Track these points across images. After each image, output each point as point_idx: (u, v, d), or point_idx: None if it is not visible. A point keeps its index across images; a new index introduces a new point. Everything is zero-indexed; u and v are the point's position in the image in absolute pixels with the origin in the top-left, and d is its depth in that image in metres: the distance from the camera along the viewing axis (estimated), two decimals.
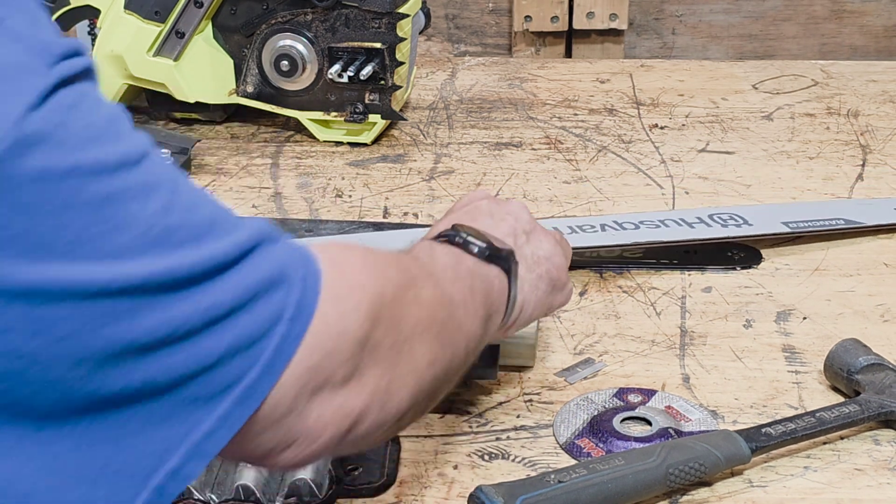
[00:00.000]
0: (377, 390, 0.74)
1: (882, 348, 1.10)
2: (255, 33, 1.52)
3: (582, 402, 1.06)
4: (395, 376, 0.75)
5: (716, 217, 1.30)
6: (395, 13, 1.48)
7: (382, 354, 0.74)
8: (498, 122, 1.61)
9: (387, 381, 0.75)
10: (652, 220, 1.29)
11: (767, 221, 1.30)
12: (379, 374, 0.74)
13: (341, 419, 0.72)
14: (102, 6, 1.54)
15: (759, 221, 1.30)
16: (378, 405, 0.74)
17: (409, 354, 0.77)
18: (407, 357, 0.76)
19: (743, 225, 1.29)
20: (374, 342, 0.74)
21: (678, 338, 1.16)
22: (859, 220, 1.32)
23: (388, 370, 0.75)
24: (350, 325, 0.72)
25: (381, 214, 1.38)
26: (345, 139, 1.55)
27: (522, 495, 0.90)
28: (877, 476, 0.98)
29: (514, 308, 0.94)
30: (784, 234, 1.29)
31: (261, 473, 0.95)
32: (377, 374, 0.74)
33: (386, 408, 0.75)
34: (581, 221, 1.29)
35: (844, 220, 1.32)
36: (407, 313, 0.77)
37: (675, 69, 1.76)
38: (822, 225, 1.31)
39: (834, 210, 1.35)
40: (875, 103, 1.65)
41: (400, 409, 0.77)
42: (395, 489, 0.97)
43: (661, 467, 0.94)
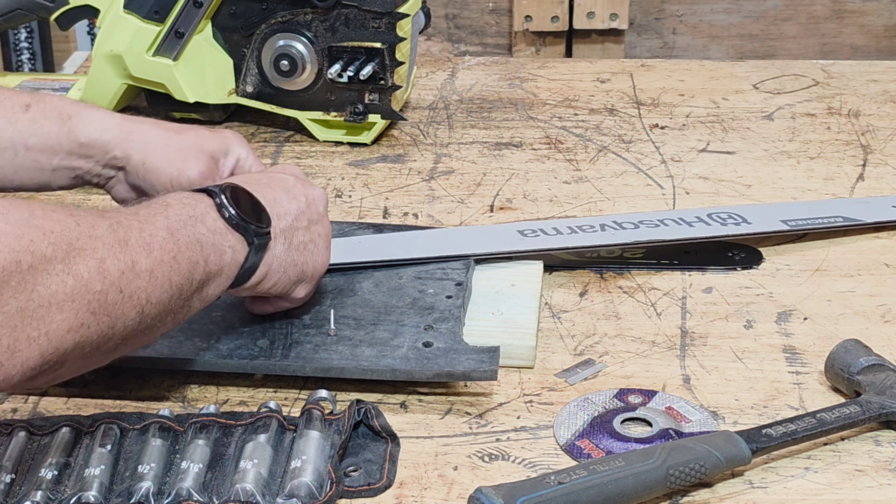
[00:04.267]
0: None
1: (883, 349, 1.10)
2: (254, 33, 1.52)
3: (582, 403, 1.06)
4: (20, 338, 0.81)
5: (715, 216, 1.30)
6: (395, 13, 1.48)
7: (6, 317, 0.79)
8: (498, 122, 1.61)
9: (10, 340, 0.80)
10: (651, 219, 1.29)
11: (766, 220, 1.30)
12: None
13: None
14: (102, 6, 1.54)
15: (758, 220, 1.30)
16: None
17: (41, 320, 0.81)
18: (39, 322, 0.81)
19: (742, 224, 1.29)
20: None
21: (679, 338, 1.16)
22: (858, 218, 1.32)
23: (10, 331, 0.80)
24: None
25: (381, 214, 1.38)
26: (345, 139, 1.55)
27: (522, 496, 0.89)
28: (877, 477, 0.98)
29: (250, 277, 1.02)
30: (783, 232, 1.29)
31: (261, 475, 0.95)
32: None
33: (6, 365, 0.80)
34: (581, 222, 1.28)
35: (843, 217, 1.32)
36: (47, 283, 0.82)
37: (675, 69, 1.76)
38: (821, 223, 1.31)
39: (833, 208, 1.34)
40: (876, 103, 1.65)
41: (27, 368, 0.82)
42: (394, 490, 0.97)
43: (661, 468, 0.93)
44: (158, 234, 0.92)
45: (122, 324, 0.88)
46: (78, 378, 1.09)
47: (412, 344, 1.09)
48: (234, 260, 0.99)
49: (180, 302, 0.94)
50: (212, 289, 0.98)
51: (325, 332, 1.10)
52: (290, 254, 1.05)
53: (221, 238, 0.98)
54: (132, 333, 0.90)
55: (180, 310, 0.95)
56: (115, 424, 1.01)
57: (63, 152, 1.15)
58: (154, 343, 1.08)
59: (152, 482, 0.95)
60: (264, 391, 1.09)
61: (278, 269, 1.04)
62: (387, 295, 1.16)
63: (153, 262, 0.90)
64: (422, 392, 1.08)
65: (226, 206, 0.99)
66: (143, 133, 1.16)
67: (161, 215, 0.94)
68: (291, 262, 1.05)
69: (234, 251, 0.99)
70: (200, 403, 1.07)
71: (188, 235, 0.95)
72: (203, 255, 0.95)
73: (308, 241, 1.07)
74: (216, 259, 0.97)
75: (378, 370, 1.06)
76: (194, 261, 0.94)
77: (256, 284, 1.04)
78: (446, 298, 1.15)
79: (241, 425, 1.01)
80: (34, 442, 1.00)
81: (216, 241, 0.97)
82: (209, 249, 0.96)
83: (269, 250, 1.02)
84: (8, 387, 0.82)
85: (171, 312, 0.94)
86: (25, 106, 1.14)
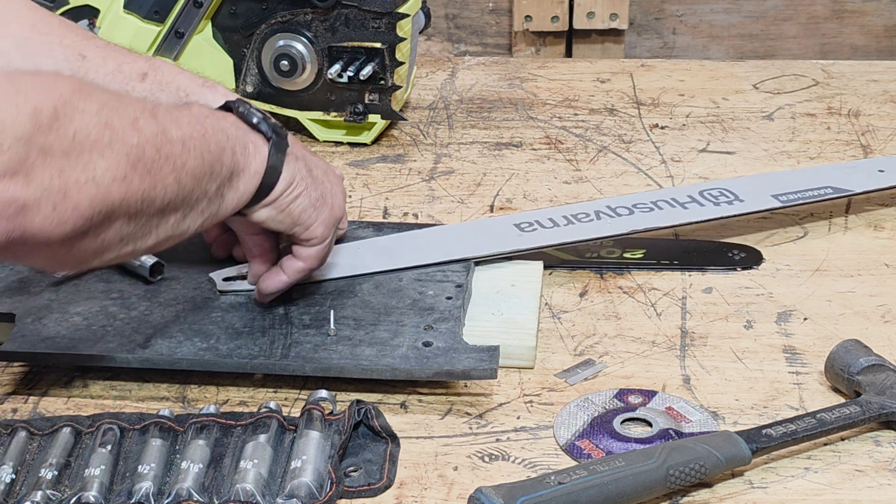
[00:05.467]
0: (49, 189, 0.83)
1: (883, 349, 1.10)
2: (254, 33, 1.52)
3: (582, 404, 1.06)
4: (69, 181, 0.84)
5: (706, 194, 1.30)
6: (395, 13, 1.48)
7: (54, 159, 0.83)
8: (498, 122, 1.61)
9: (60, 182, 0.83)
10: (644, 201, 1.29)
11: (757, 195, 1.30)
12: (50, 175, 0.83)
13: (4, 206, 0.81)
14: (102, 6, 1.54)
15: (749, 196, 1.30)
16: (50, 203, 0.83)
17: (86, 165, 0.85)
18: (84, 166, 0.85)
19: (735, 202, 1.29)
20: (44, 145, 0.82)
21: (679, 339, 1.16)
22: (847, 188, 1.33)
23: (60, 173, 0.83)
24: (6, 121, 0.80)
25: (381, 214, 1.38)
26: (345, 139, 1.55)
27: (522, 496, 0.89)
28: (877, 477, 0.98)
29: (277, 180, 1.04)
30: (776, 208, 1.29)
31: (261, 475, 0.95)
32: (48, 174, 0.83)
33: (59, 208, 0.84)
34: (576, 209, 1.28)
35: (833, 188, 1.32)
36: (86, 130, 0.85)
37: (675, 69, 1.76)
38: (812, 196, 1.31)
39: (820, 177, 1.35)
40: (876, 103, 1.65)
41: (78, 213, 0.85)
42: (394, 490, 0.97)
43: (661, 468, 0.93)
44: (184, 117, 0.96)
45: (162, 186, 0.91)
46: (78, 378, 1.09)
47: (412, 343, 1.09)
48: (258, 155, 1.02)
49: (214, 184, 0.97)
50: (242, 184, 1.01)
51: (325, 333, 1.10)
52: (310, 177, 1.07)
53: (244, 133, 1.02)
54: (172, 204, 0.93)
55: (216, 196, 0.98)
56: (115, 424, 1.01)
57: None
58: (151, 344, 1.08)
59: (152, 482, 0.95)
60: (264, 391, 1.09)
61: (301, 182, 1.06)
62: (387, 296, 1.16)
63: (184, 134, 0.94)
64: (422, 392, 1.08)
65: (243, 105, 1.04)
66: None
67: (185, 110, 0.98)
68: (313, 181, 1.07)
69: (256, 147, 1.02)
70: (200, 403, 1.07)
71: (213, 125, 0.98)
72: (230, 144, 0.99)
73: (324, 179, 1.09)
74: (241, 150, 1.00)
75: (378, 369, 1.06)
76: (222, 146, 0.98)
77: (282, 194, 1.05)
78: (446, 300, 1.15)
79: (241, 425, 1.01)
80: (34, 442, 1.00)
81: (240, 134, 1.01)
82: (234, 141, 1.00)
83: (290, 161, 1.05)
84: (61, 235, 0.84)
85: (207, 195, 0.97)
86: (142, 75, 1.15)
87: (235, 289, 1.15)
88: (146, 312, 1.13)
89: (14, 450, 0.99)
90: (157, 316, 1.13)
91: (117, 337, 1.09)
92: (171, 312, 1.13)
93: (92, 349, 1.08)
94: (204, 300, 1.15)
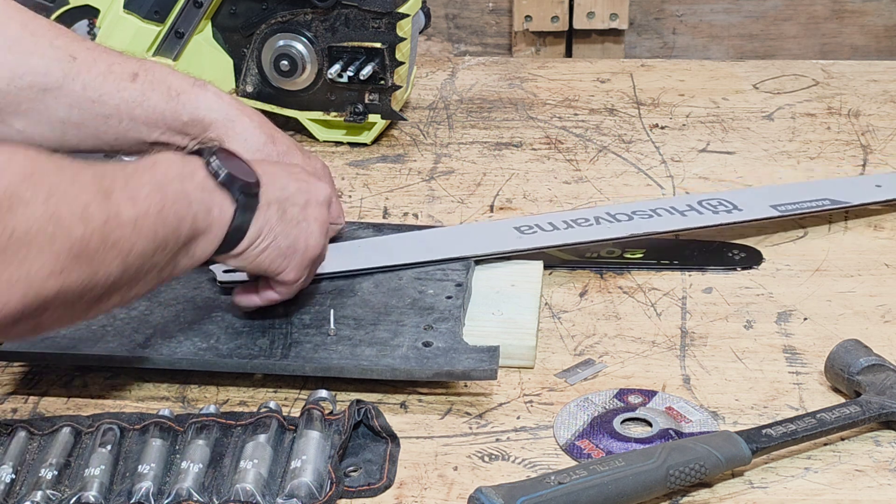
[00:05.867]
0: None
1: (883, 349, 1.10)
2: (254, 33, 1.52)
3: (582, 403, 1.06)
4: (1, 279, 0.81)
5: (705, 203, 1.31)
6: (395, 13, 1.48)
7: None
8: (498, 122, 1.61)
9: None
10: (644, 209, 1.29)
11: (757, 206, 1.31)
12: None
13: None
14: (102, 6, 1.54)
15: (748, 207, 1.30)
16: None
17: (22, 262, 0.81)
18: (19, 264, 0.81)
19: (733, 211, 1.29)
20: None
21: (678, 339, 1.16)
22: (845, 200, 1.33)
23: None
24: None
25: (381, 215, 1.38)
26: (345, 139, 1.55)
27: (522, 496, 0.89)
28: (877, 477, 0.98)
29: (240, 240, 1.00)
30: (773, 217, 1.30)
31: (261, 475, 0.95)
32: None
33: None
34: (575, 215, 1.28)
35: (830, 200, 1.33)
36: (27, 225, 0.81)
37: (675, 69, 1.76)
38: (809, 207, 1.31)
39: (819, 190, 1.35)
40: (876, 103, 1.65)
41: (9, 311, 0.82)
42: (394, 490, 0.97)
43: (661, 468, 0.93)
44: (144, 188, 0.91)
45: (105, 273, 0.87)
46: (78, 378, 1.09)
47: (412, 343, 1.09)
48: (221, 218, 0.98)
49: (166, 257, 0.93)
50: (200, 247, 0.97)
51: (325, 332, 1.10)
52: (282, 224, 1.03)
53: (210, 195, 0.96)
54: (115, 285, 0.89)
55: (166, 266, 0.94)
56: (115, 424, 1.01)
57: (165, 128, 1.15)
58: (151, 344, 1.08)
59: (152, 482, 0.95)
60: (264, 391, 1.09)
61: (269, 234, 1.02)
62: (387, 295, 1.16)
63: (138, 213, 0.89)
64: (422, 392, 1.08)
65: (213, 163, 0.98)
66: (244, 128, 1.16)
67: (148, 171, 0.93)
68: (283, 232, 1.03)
69: (221, 210, 0.97)
70: (200, 403, 1.07)
71: (176, 190, 0.93)
72: (191, 211, 0.94)
73: (302, 218, 1.05)
74: (204, 216, 0.96)
75: (378, 369, 1.06)
76: (181, 215, 0.93)
77: (246, 249, 1.02)
78: (446, 299, 1.15)
79: (241, 425, 1.01)
80: (34, 442, 1.00)
81: (204, 197, 0.96)
82: (197, 205, 0.95)
83: (260, 213, 1.01)
84: None
85: (156, 267, 0.93)
86: (133, 75, 1.14)
87: (235, 279, 1.15)
88: (146, 312, 1.13)
89: (14, 450, 0.99)
90: (157, 316, 1.13)
91: (117, 337, 1.09)
92: (171, 312, 1.13)
93: (92, 349, 1.08)
94: (204, 300, 1.15)
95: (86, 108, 1.13)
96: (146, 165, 0.94)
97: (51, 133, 1.13)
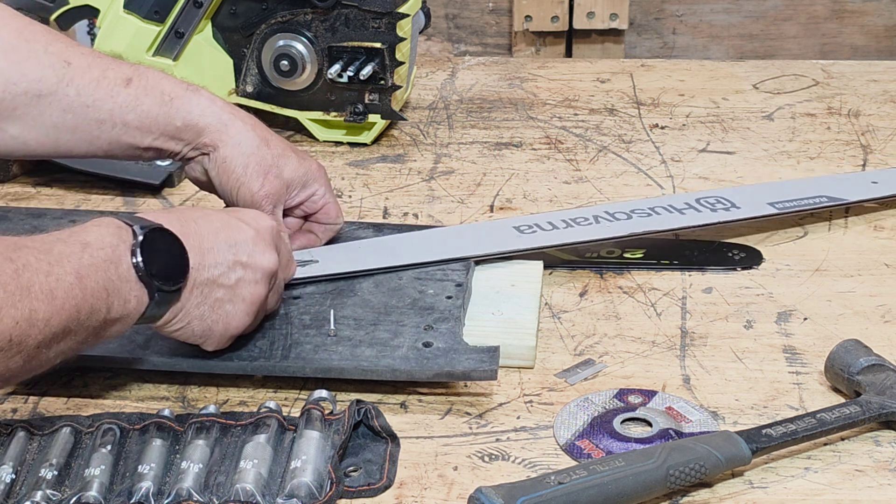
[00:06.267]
0: None
1: (883, 349, 1.10)
2: (254, 33, 1.52)
3: (582, 403, 1.06)
4: None
5: (703, 202, 1.31)
6: (395, 13, 1.48)
7: None
8: (498, 122, 1.61)
9: None
10: (642, 207, 1.29)
11: (754, 203, 1.31)
12: None
13: None
14: (102, 6, 1.54)
15: (745, 204, 1.31)
16: None
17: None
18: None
19: (731, 209, 1.29)
20: None
21: (678, 339, 1.16)
22: (842, 197, 1.33)
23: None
24: None
25: (381, 215, 1.38)
26: (345, 139, 1.55)
27: (522, 496, 0.89)
28: (877, 477, 0.98)
29: (152, 323, 1.00)
30: (771, 215, 1.30)
31: (261, 475, 0.95)
32: None
33: None
34: (574, 214, 1.28)
35: (828, 197, 1.33)
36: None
37: (675, 69, 1.76)
38: (807, 204, 1.32)
39: (816, 187, 1.36)
40: (876, 103, 1.65)
41: None
42: (394, 490, 0.97)
43: (661, 468, 0.93)
44: (66, 279, 0.90)
45: (5, 367, 0.87)
46: (78, 378, 1.09)
47: (412, 344, 1.09)
48: (136, 309, 0.97)
49: (74, 345, 0.93)
50: (112, 331, 0.97)
51: (325, 333, 1.10)
52: (200, 308, 1.02)
53: (129, 287, 0.95)
54: (15, 374, 0.89)
55: (73, 350, 0.94)
56: (115, 424, 1.01)
57: (158, 133, 1.15)
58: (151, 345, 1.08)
59: (152, 482, 0.95)
60: (264, 391, 1.09)
61: (184, 318, 1.02)
62: (387, 295, 1.16)
63: (53, 310, 0.89)
64: (422, 392, 1.08)
65: (137, 255, 0.96)
66: (238, 131, 1.16)
67: (76, 256, 0.92)
68: (199, 317, 1.02)
69: (138, 301, 0.96)
70: (200, 403, 1.07)
71: (96, 282, 0.92)
72: (107, 303, 0.94)
73: (227, 300, 1.03)
74: (119, 307, 0.95)
75: (378, 370, 1.06)
76: (97, 308, 0.93)
77: (160, 328, 1.02)
78: (446, 299, 1.15)
79: (241, 425, 1.01)
80: (34, 442, 1.00)
81: (123, 288, 0.95)
82: (114, 297, 0.94)
83: (178, 301, 1.00)
84: None
85: (63, 353, 0.92)
86: (127, 80, 1.14)
87: None
88: None
89: (14, 450, 0.99)
90: None
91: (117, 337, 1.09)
92: None
93: (92, 349, 1.08)
94: None
95: (79, 113, 1.13)
96: (76, 246, 0.93)
97: (45, 138, 1.14)
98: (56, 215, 1.31)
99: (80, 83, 1.13)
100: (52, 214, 1.32)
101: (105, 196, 1.42)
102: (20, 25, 1.13)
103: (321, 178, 1.20)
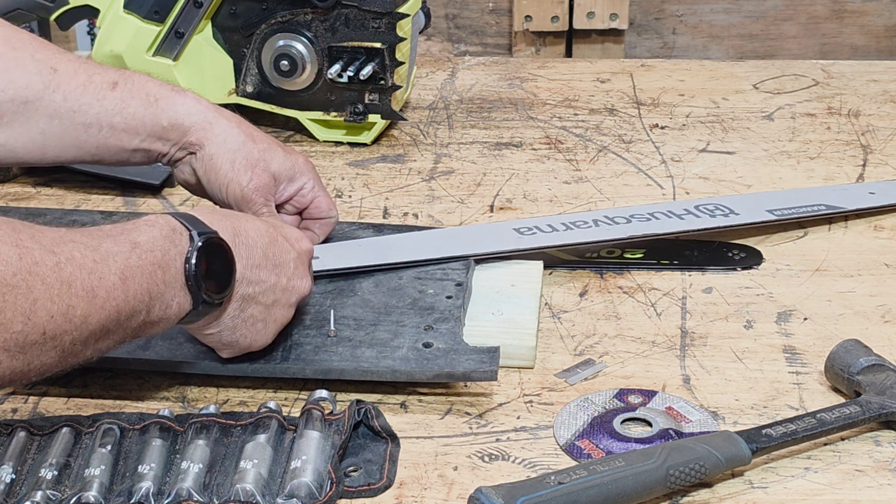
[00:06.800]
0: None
1: (883, 349, 1.10)
2: (254, 33, 1.52)
3: (582, 403, 1.06)
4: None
5: (703, 208, 1.31)
6: (395, 13, 1.48)
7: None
8: (498, 122, 1.61)
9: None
10: (642, 212, 1.29)
11: (753, 210, 1.31)
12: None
13: None
14: (102, 6, 1.54)
15: (745, 211, 1.31)
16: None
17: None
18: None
19: (730, 215, 1.30)
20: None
21: (678, 339, 1.16)
22: (840, 206, 1.34)
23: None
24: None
25: (381, 214, 1.38)
26: (345, 139, 1.55)
27: (522, 496, 0.89)
28: (877, 477, 0.98)
29: (191, 325, 0.99)
30: (769, 221, 1.30)
31: (261, 475, 0.95)
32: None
33: None
34: (574, 217, 1.29)
35: (826, 205, 1.33)
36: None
37: (675, 69, 1.76)
38: (805, 212, 1.32)
39: (814, 196, 1.36)
40: (876, 103, 1.65)
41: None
42: (394, 490, 0.97)
43: (661, 468, 0.93)
44: (109, 279, 0.89)
45: (40, 362, 0.86)
46: (78, 378, 1.09)
47: (412, 345, 1.09)
48: (176, 314, 0.96)
49: (111, 343, 0.92)
50: (146, 333, 0.95)
51: (325, 333, 1.10)
52: (235, 320, 1.02)
53: (173, 292, 0.94)
54: (50, 369, 0.88)
55: (109, 348, 0.93)
56: (115, 424, 1.01)
57: (145, 134, 1.16)
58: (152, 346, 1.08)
59: (152, 482, 0.95)
60: (264, 391, 1.09)
61: (216, 326, 1.01)
62: (387, 295, 1.16)
63: (92, 309, 0.88)
64: (422, 392, 1.08)
65: (191, 260, 0.95)
66: (223, 129, 1.17)
67: (123, 255, 0.91)
68: (231, 328, 1.02)
69: (179, 307, 0.96)
70: (200, 403, 1.07)
71: (140, 285, 0.91)
72: (148, 306, 0.93)
73: (260, 318, 1.03)
74: (160, 311, 0.94)
75: (378, 371, 1.06)
76: (137, 310, 0.92)
77: (195, 329, 1.02)
78: (446, 299, 1.15)
79: (241, 425, 1.01)
80: (34, 442, 1.00)
81: (167, 293, 0.94)
82: (156, 301, 0.93)
83: (217, 311, 1.00)
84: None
85: (100, 351, 0.92)
86: (113, 84, 1.15)
87: None
88: None
89: (14, 450, 0.99)
90: None
91: None
92: None
93: None
94: None
95: (66, 118, 1.14)
96: (125, 245, 0.92)
97: (32, 145, 1.14)
98: (56, 215, 1.31)
99: (66, 88, 1.13)
100: (52, 214, 1.32)
101: (105, 196, 1.42)
102: (7, 34, 1.14)
103: (308, 172, 1.21)
